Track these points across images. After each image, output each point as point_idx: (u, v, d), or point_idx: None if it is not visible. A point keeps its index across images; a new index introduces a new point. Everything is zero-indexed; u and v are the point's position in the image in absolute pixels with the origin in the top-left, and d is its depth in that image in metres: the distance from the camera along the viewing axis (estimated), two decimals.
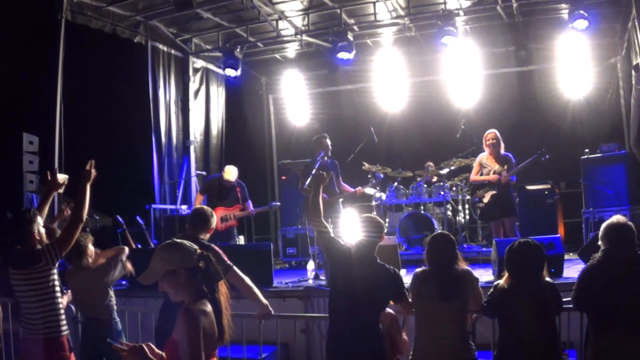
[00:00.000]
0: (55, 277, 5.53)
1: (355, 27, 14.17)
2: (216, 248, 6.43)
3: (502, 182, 10.57)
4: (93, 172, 5.58)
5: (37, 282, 5.40)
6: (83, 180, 5.55)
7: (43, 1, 11.60)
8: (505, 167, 10.63)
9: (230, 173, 11.93)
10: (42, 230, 5.70)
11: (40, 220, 5.73)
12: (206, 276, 3.90)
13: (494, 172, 10.68)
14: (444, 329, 5.46)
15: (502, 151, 10.81)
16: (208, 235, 6.61)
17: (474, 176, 11.07)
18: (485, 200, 10.87)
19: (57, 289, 5.55)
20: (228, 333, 4.06)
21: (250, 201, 12.16)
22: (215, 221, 6.72)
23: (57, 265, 5.53)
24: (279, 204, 13.74)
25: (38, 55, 12.08)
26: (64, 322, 5.58)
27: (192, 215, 6.75)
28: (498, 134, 10.83)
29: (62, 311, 5.58)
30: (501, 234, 10.77)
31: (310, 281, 9.73)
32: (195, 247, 3.95)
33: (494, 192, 10.71)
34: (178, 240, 3.99)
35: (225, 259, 6.31)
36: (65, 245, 5.50)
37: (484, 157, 10.92)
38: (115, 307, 6.85)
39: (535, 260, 5.45)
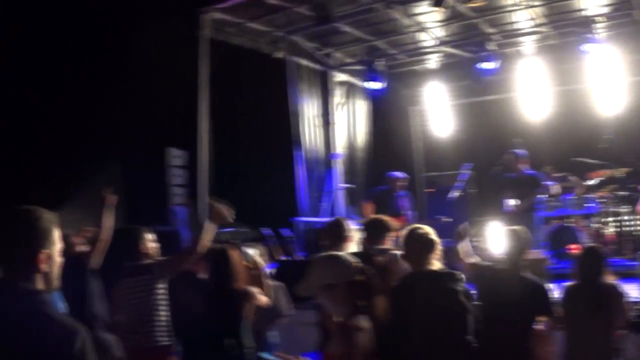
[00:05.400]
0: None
1: (496, 37, 13.91)
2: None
3: None
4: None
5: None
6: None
7: (186, 20, 12.07)
8: None
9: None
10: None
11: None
12: (364, 290, 3.86)
13: None
14: (591, 344, 5.43)
15: None
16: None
17: None
18: None
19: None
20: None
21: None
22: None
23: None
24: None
25: (182, 72, 12.51)
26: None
27: (368, 226, 6.56)
28: None
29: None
30: None
31: None
32: (354, 260, 3.90)
33: None
34: (337, 254, 3.98)
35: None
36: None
37: None
38: None
39: None
